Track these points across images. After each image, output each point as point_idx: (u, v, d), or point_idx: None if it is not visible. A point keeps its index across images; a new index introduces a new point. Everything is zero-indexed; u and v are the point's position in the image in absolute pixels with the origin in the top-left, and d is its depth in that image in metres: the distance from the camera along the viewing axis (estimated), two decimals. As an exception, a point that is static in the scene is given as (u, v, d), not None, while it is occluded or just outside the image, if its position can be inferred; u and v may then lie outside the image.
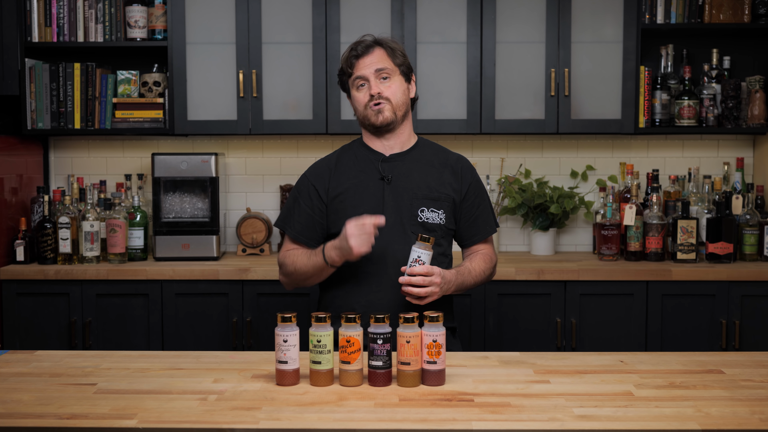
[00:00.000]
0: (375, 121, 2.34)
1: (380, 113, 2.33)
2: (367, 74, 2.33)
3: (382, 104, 2.33)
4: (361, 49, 2.35)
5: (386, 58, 2.35)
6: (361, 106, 2.36)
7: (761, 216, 3.56)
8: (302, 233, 2.40)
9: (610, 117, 3.56)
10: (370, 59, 2.34)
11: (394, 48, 2.37)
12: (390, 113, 2.34)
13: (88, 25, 3.57)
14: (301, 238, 2.40)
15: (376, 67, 2.33)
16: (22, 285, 3.37)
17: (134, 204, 3.59)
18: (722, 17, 3.56)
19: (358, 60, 2.35)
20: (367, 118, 2.36)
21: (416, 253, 2.17)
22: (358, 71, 2.34)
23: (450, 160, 2.45)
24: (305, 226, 2.40)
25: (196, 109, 3.57)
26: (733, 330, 3.31)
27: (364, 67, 2.34)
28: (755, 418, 1.68)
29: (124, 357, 2.16)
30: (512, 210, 3.74)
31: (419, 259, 2.16)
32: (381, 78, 2.34)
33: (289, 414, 1.71)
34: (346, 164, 2.42)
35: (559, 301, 3.33)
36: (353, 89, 2.38)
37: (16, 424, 1.67)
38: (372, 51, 2.35)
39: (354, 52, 2.35)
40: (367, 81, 2.33)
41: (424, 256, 2.16)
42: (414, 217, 2.35)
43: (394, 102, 2.34)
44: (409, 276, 2.16)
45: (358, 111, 2.39)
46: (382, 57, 2.35)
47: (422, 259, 2.16)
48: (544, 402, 1.78)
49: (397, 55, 2.37)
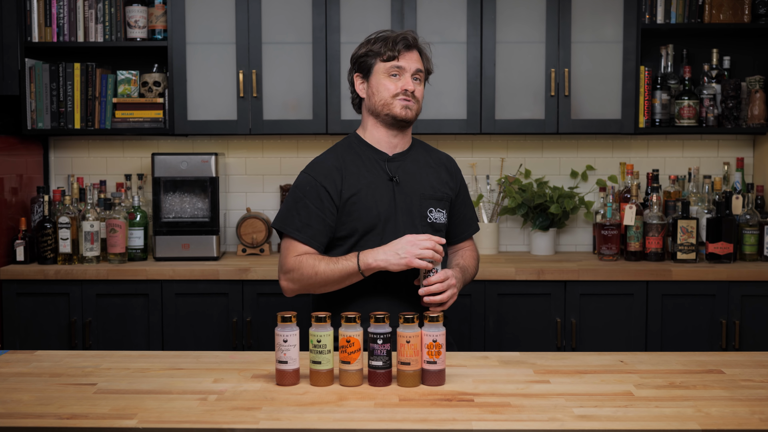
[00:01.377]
0: (399, 114, 2.32)
1: (408, 109, 2.33)
2: (407, 68, 2.33)
3: (411, 102, 2.34)
4: (410, 39, 2.35)
5: (421, 59, 2.38)
6: (388, 94, 2.32)
7: (761, 216, 3.56)
8: (315, 237, 2.27)
9: (610, 117, 3.56)
10: (413, 56, 2.35)
11: (426, 56, 2.41)
12: (414, 113, 2.35)
13: (88, 25, 3.57)
14: (313, 242, 2.28)
15: (417, 66, 2.35)
16: (22, 285, 3.37)
17: (134, 204, 3.59)
18: (722, 17, 3.56)
19: (407, 51, 2.34)
20: (390, 108, 2.33)
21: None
22: (401, 61, 2.33)
23: (443, 159, 2.48)
24: (318, 230, 2.28)
25: (196, 109, 3.57)
26: (733, 330, 3.31)
27: (409, 60, 2.34)
28: (755, 418, 1.68)
29: (124, 357, 2.15)
30: (512, 210, 3.74)
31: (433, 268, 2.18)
32: (415, 78, 2.35)
33: (289, 414, 1.71)
34: (353, 164, 2.35)
35: (559, 301, 3.33)
36: (383, 75, 2.33)
37: (16, 424, 1.67)
38: (413, 50, 2.37)
39: (405, 41, 2.34)
40: (404, 74, 2.33)
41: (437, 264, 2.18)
42: (424, 218, 2.35)
43: (419, 105, 2.38)
44: (427, 287, 2.17)
45: (379, 97, 2.33)
46: (419, 58, 2.38)
47: (436, 268, 2.17)
48: (544, 402, 1.78)
49: (427, 59, 2.41)
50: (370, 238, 2.30)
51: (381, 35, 2.38)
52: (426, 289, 2.18)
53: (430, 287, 2.17)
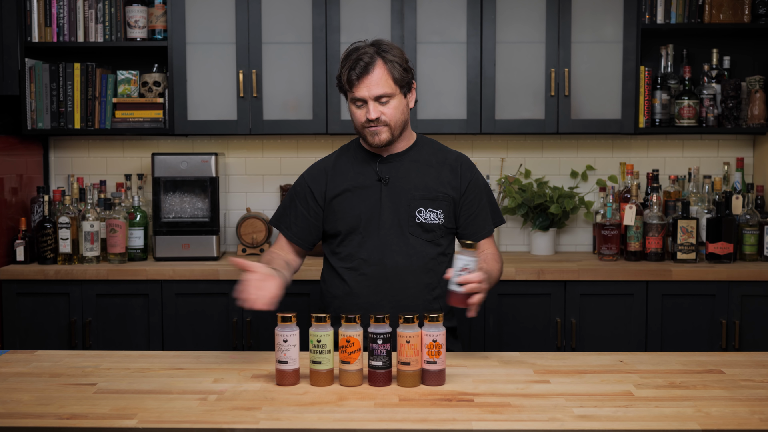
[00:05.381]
0: (371, 142, 2.31)
1: (376, 135, 2.29)
2: (365, 97, 2.26)
3: (381, 127, 2.28)
4: (360, 69, 2.24)
5: (386, 76, 2.25)
6: (358, 124, 2.31)
7: (761, 216, 3.56)
8: (298, 235, 2.43)
9: (610, 117, 3.56)
10: (369, 80, 2.24)
11: (393, 61, 2.27)
12: (387, 135, 2.30)
13: (88, 25, 3.57)
14: (297, 239, 2.43)
15: (376, 93, 2.24)
16: (22, 285, 3.37)
17: (134, 204, 3.59)
18: (722, 17, 3.56)
19: (359, 81, 2.25)
20: (363, 137, 2.33)
21: (462, 261, 2.04)
22: (357, 92, 2.26)
23: (449, 159, 2.42)
24: (301, 228, 2.42)
25: (196, 109, 3.57)
26: (733, 330, 3.31)
27: (363, 88, 2.25)
28: (755, 418, 1.68)
29: (124, 357, 2.16)
30: (512, 210, 3.74)
31: (467, 267, 2.04)
32: (380, 102, 2.27)
33: (289, 414, 1.71)
34: (343, 166, 2.41)
35: (559, 301, 3.33)
36: (350, 104, 2.32)
37: (16, 424, 1.67)
38: (372, 69, 2.24)
39: (354, 73, 2.24)
40: (368, 102, 2.26)
41: (472, 264, 2.04)
42: (412, 218, 2.34)
43: (393, 124, 2.29)
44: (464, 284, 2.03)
45: (355, 125, 2.34)
46: (381, 77, 2.24)
47: (470, 267, 2.04)
48: (544, 402, 1.78)
49: (396, 69, 2.26)
50: (352, 237, 2.36)
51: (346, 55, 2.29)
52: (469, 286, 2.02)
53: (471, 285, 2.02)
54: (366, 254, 2.33)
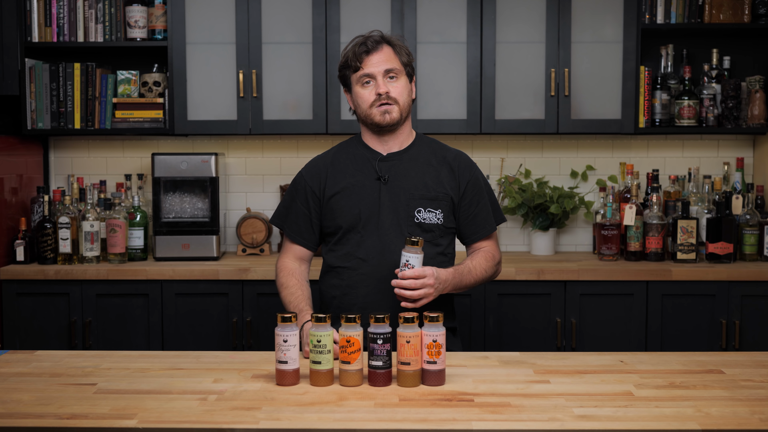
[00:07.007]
0: (380, 121, 2.30)
1: (387, 113, 2.29)
2: (375, 72, 2.28)
3: (390, 105, 2.29)
4: (371, 44, 2.28)
5: (394, 56, 2.31)
6: (365, 104, 2.31)
7: (761, 216, 3.56)
8: (299, 233, 2.41)
9: (610, 117, 3.56)
10: (378, 57, 2.29)
11: (400, 46, 2.33)
12: (397, 114, 2.30)
13: (88, 25, 3.57)
14: (299, 238, 2.41)
15: (386, 67, 2.28)
16: (22, 285, 3.37)
17: (134, 204, 3.59)
18: (722, 17, 3.56)
19: (368, 56, 2.28)
20: (371, 117, 2.31)
21: (405, 257, 2.15)
22: (366, 68, 2.28)
23: (448, 158, 2.41)
24: (302, 226, 2.40)
25: (196, 109, 3.57)
26: (733, 330, 3.31)
27: (373, 64, 2.28)
28: (755, 418, 1.68)
29: (124, 357, 2.16)
30: (512, 210, 3.73)
31: (408, 263, 2.14)
32: (388, 77, 2.29)
33: (289, 414, 1.71)
34: (342, 163, 2.39)
35: (559, 301, 3.33)
36: (357, 85, 2.31)
37: (16, 424, 1.67)
38: (380, 48, 2.29)
39: (364, 47, 2.28)
40: (374, 79, 2.28)
41: (413, 259, 2.14)
42: (411, 218, 2.33)
43: (401, 102, 2.31)
44: (400, 280, 2.14)
45: (360, 108, 2.33)
46: (390, 55, 2.30)
47: (411, 263, 2.14)
48: (544, 402, 1.78)
49: (403, 53, 2.33)
50: (351, 236, 2.34)
51: (352, 43, 2.34)
52: (397, 282, 2.15)
53: (402, 282, 2.14)
54: (364, 253, 2.32)
